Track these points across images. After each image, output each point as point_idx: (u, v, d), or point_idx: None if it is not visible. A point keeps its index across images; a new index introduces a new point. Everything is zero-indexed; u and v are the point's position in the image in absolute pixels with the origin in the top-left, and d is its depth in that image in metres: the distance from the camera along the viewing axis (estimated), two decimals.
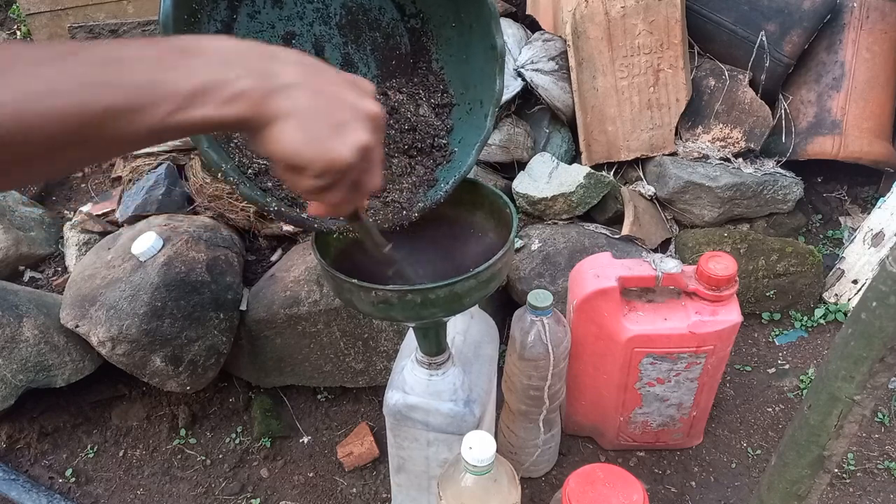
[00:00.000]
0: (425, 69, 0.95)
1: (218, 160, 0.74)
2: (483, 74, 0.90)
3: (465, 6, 0.87)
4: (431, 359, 1.02)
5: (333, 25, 0.89)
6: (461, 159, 0.93)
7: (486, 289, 0.84)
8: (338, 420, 1.53)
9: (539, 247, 1.55)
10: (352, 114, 0.48)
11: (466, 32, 0.89)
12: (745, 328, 1.67)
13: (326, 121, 0.46)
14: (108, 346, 1.29)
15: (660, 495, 1.35)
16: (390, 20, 0.92)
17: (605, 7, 1.62)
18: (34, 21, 2.02)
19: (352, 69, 0.92)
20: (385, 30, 0.92)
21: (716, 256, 1.18)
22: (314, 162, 0.47)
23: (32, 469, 1.45)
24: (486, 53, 0.88)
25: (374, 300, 0.80)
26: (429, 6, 0.91)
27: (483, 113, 0.91)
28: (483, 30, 0.86)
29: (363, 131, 0.48)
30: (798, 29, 1.68)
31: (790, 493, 0.92)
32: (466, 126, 0.94)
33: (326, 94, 0.47)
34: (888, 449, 1.41)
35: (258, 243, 1.58)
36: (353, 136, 0.48)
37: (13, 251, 1.63)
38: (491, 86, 0.89)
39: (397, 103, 0.91)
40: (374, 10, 0.90)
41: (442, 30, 0.92)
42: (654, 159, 1.75)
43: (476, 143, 0.91)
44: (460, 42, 0.92)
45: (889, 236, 1.62)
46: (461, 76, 0.94)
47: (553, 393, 1.22)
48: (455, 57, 0.93)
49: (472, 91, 0.94)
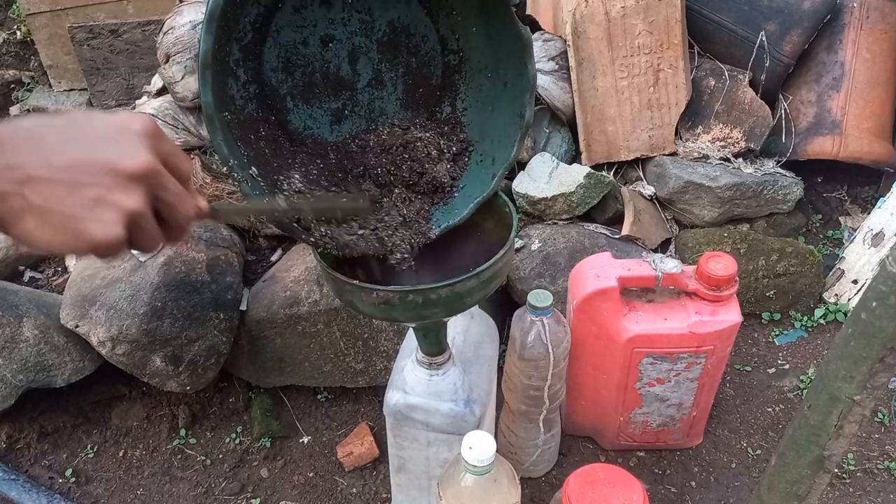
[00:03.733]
0: (449, 106, 0.94)
1: (228, 154, 0.74)
2: (504, 134, 0.89)
3: (505, 64, 0.86)
4: (432, 359, 1.02)
5: (374, 40, 0.88)
6: (458, 207, 0.92)
7: (487, 288, 0.84)
8: (338, 420, 1.53)
9: (539, 247, 1.55)
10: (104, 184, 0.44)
11: (500, 88, 0.88)
12: (745, 328, 1.67)
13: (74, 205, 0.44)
14: (108, 346, 1.29)
15: (660, 495, 1.35)
16: (429, 50, 0.91)
17: (605, 7, 1.62)
18: (34, 21, 2.02)
19: (380, 87, 0.92)
20: (422, 57, 0.91)
21: (716, 256, 1.18)
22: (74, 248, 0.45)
23: (32, 469, 1.45)
24: (512, 116, 0.87)
25: (376, 301, 0.79)
26: (471, 49, 0.90)
27: (492, 172, 0.90)
28: (516, 94, 0.85)
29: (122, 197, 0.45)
30: (798, 29, 1.68)
31: (790, 493, 0.92)
32: (472, 176, 0.93)
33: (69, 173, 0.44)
34: (888, 449, 1.41)
35: (258, 243, 1.58)
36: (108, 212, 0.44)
37: (13, 251, 1.63)
38: (508, 149, 0.88)
39: (416, 140, 0.90)
40: (417, 36, 0.90)
41: (476, 75, 0.91)
42: (654, 159, 1.75)
43: (477, 198, 0.90)
44: (491, 93, 0.90)
45: (889, 236, 1.62)
46: (481, 124, 0.93)
47: (553, 393, 1.22)
48: (481, 104, 0.92)
49: (487, 143, 0.92)
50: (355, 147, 0.90)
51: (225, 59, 0.76)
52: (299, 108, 0.88)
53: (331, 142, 0.92)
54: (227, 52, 0.76)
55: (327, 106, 0.90)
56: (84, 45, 1.88)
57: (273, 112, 0.86)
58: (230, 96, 0.79)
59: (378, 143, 0.90)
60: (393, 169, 0.89)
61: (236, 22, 0.76)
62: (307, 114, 0.89)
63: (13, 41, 2.24)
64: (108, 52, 1.90)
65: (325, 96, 0.89)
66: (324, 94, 0.89)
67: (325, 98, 0.89)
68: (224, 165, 0.74)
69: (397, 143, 0.90)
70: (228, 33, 0.75)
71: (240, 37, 0.78)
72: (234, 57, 0.78)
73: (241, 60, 0.79)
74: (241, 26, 0.77)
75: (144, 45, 1.88)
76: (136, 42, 1.89)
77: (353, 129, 0.92)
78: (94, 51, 1.89)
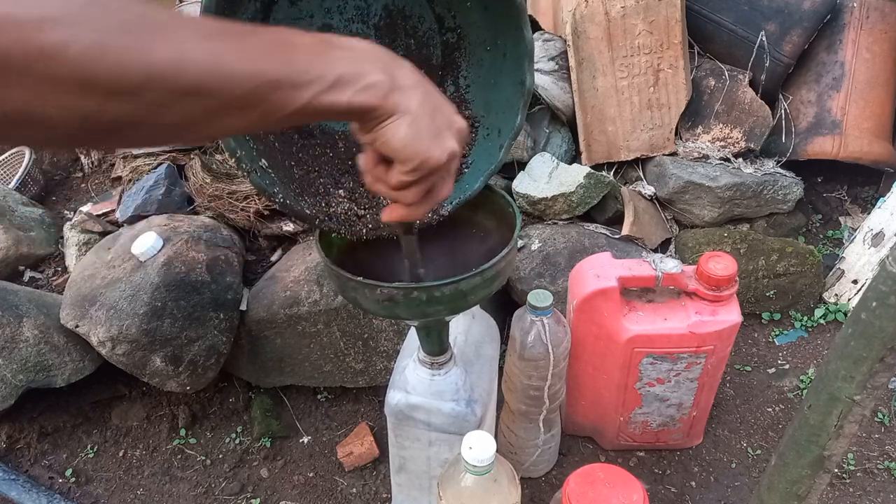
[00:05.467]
0: (452, 85, 0.94)
1: (235, 146, 0.76)
2: (507, 104, 0.90)
3: (503, 35, 0.86)
4: (433, 358, 1.02)
5: (371, 26, 0.89)
6: (468, 182, 0.93)
7: (491, 287, 0.84)
8: (338, 420, 1.53)
9: (539, 247, 1.55)
10: (448, 124, 0.56)
11: (500, 59, 0.89)
12: (745, 328, 1.67)
13: (431, 125, 0.54)
14: (108, 346, 1.29)
15: (660, 495, 1.35)
16: (427, 30, 0.91)
17: (605, 7, 1.63)
18: None
19: None
20: (420, 38, 0.92)
21: (716, 256, 1.18)
22: (414, 157, 0.54)
23: (32, 469, 1.45)
24: (514, 86, 0.88)
25: (380, 298, 0.80)
26: (467, 25, 0.90)
27: (499, 143, 0.91)
28: (516, 63, 0.86)
29: (455, 141, 0.57)
30: (798, 29, 1.69)
31: (790, 493, 0.92)
32: (480, 150, 0.94)
33: (432, 101, 0.55)
34: (888, 449, 1.41)
35: (258, 243, 1.58)
36: (448, 142, 0.56)
37: (13, 251, 1.63)
38: (512, 118, 0.89)
39: None
40: (413, 18, 0.90)
41: (476, 50, 0.91)
42: (654, 159, 1.75)
43: (486, 170, 0.91)
44: (492, 66, 0.91)
45: (889, 236, 1.62)
46: (485, 99, 0.93)
47: (553, 393, 1.22)
48: (483, 79, 0.93)
49: (492, 116, 0.93)
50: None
51: None
52: None
53: (338, 131, 0.93)
54: None
55: None
56: None
57: None
58: None
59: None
60: None
61: (234, 18, 0.77)
62: None
63: None
64: None
65: None
66: None
67: None
68: (231, 158, 0.75)
69: None
70: None
71: None
72: None
73: None
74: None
75: None
76: None
77: None
78: None
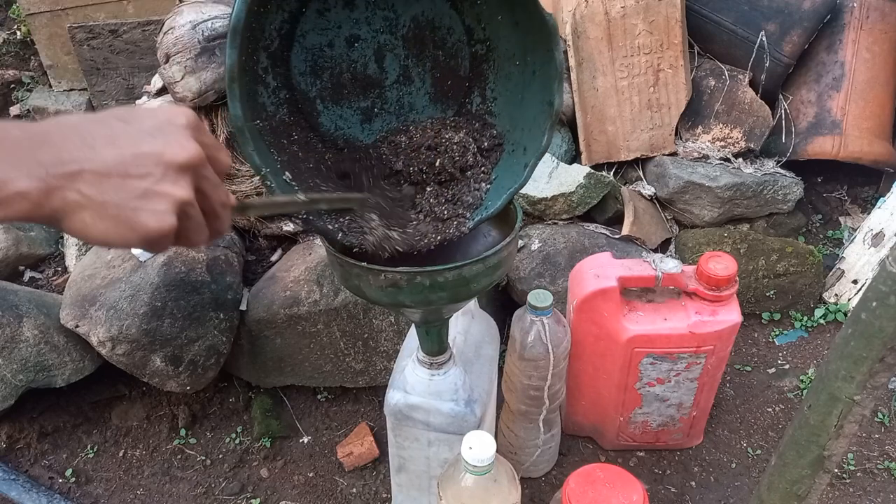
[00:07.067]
0: (478, 97, 0.94)
1: (260, 164, 0.74)
2: (533, 123, 0.88)
3: (533, 52, 0.85)
4: (433, 358, 1.02)
5: (399, 37, 0.88)
6: (491, 199, 0.91)
7: (493, 276, 0.85)
8: (338, 420, 1.53)
9: (539, 247, 1.55)
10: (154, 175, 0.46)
11: (528, 76, 0.88)
12: (745, 328, 1.67)
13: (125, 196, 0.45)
14: (108, 346, 1.29)
15: (660, 495, 1.35)
16: (456, 41, 0.90)
17: (605, 7, 1.63)
18: (34, 21, 2.02)
19: (408, 83, 0.92)
20: (449, 50, 0.91)
21: (716, 256, 1.18)
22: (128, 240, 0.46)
23: (32, 469, 1.45)
24: (541, 105, 0.87)
25: (383, 284, 0.80)
26: (497, 38, 0.89)
27: (524, 162, 0.89)
28: (544, 82, 0.85)
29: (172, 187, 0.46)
30: (798, 29, 1.68)
31: (790, 493, 0.92)
32: (504, 166, 0.92)
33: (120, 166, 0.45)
34: (888, 449, 1.41)
35: (258, 243, 1.58)
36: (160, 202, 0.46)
37: (13, 251, 1.63)
38: (538, 137, 0.87)
39: (449, 142, 0.90)
40: (442, 29, 0.89)
41: (504, 63, 0.90)
42: (654, 159, 1.75)
43: (509, 189, 0.90)
44: (520, 81, 0.90)
45: (889, 236, 1.62)
46: (511, 114, 0.92)
47: (553, 393, 1.22)
48: (510, 94, 0.91)
49: (517, 133, 0.92)
50: (387, 148, 0.91)
51: (254, 67, 0.77)
52: (329, 110, 0.89)
53: (362, 141, 0.92)
54: (255, 61, 0.77)
55: (357, 105, 0.91)
56: (84, 45, 1.88)
57: (304, 115, 0.87)
58: (261, 104, 0.80)
59: (410, 144, 0.90)
60: (426, 168, 0.89)
61: (262, 31, 0.77)
62: (337, 114, 0.90)
63: (13, 41, 2.24)
64: (108, 52, 1.90)
65: (353, 96, 0.90)
66: (353, 93, 0.90)
67: (354, 98, 0.90)
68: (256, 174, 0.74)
69: (428, 143, 0.90)
70: (255, 43, 0.76)
71: (267, 44, 0.79)
72: (262, 65, 0.79)
73: (270, 67, 0.80)
74: (266, 34, 0.78)
75: (144, 45, 1.88)
76: (136, 42, 1.89)
77: (383, 127, 0.93)
78: (94, 51, 1.89)
